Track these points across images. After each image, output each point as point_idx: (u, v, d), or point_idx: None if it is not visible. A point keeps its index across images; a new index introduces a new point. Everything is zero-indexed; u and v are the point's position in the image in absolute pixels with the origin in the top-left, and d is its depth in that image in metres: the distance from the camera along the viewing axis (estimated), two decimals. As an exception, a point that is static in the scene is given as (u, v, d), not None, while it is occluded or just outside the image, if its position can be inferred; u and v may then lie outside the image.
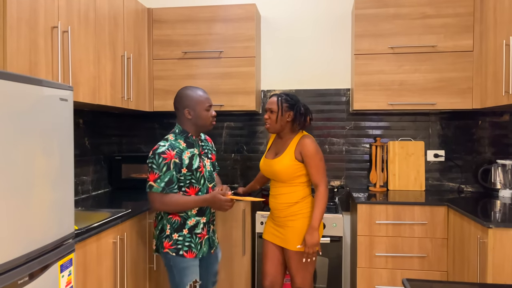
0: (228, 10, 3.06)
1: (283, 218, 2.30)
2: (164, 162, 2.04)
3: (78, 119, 2.81)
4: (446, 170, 3.19)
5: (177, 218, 2.15)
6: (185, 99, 2.17)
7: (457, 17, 2.83)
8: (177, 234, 2.13)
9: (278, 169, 2.26)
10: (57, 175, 1.53)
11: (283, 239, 2.31)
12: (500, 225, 2.03)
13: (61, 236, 1.53)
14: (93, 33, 2.35)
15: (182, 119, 2.18)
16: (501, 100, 2.47)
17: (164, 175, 2.04)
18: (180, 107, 2.18)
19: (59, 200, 1.54)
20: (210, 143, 2.38)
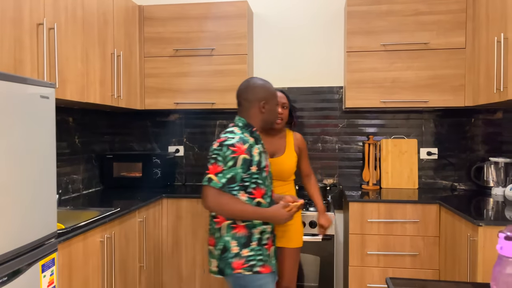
0: (220, 7, 3.04)
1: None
2: (232, 156, 1.75)
3: (67, 117, 2.79)
4: (439, 168, 3.17)
5: (242, 231, 1.82)
6: (261, 91, 1.91)
7: (450, 14, 2.81)
8: (246, 249, 1.81)
9: (288, 166, 2.29)
10: (38, 174, 1.51)
11: (282, 238, 2.29)
12: (490, 223, 2.02)
13: (42, 235, 1.51)
14: (81, 30, 2.33)
15: (251, 112, 1.90)
16: (493, 98, 2.45)
17: (228, 170, 1.74)
18: (253, 99, 1.89)
19: (40, 199, 1.52)
20: None
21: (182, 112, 3.43)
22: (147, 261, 2.62)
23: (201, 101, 3.07)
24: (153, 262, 2.74)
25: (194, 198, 2.85)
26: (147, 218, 2.62)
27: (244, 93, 1.91)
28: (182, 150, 3.44)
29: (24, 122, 1.43)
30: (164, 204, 2.88)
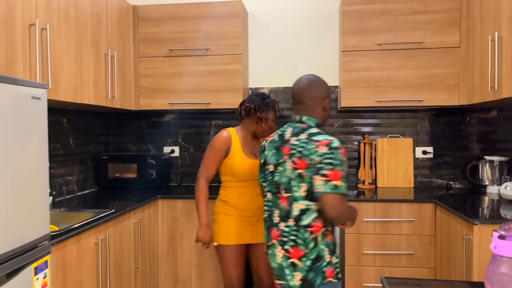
0: (214, 7, 3.03)
1: (258, 214, 2.32)
2: (342, 159, 1.63)
3: (61, 118, 2.77)
4: (434, 166, 3.17)
5: (330, 237, 1.73)
6: (325, 89, 1.80)
7: (444, 13, 2.81)
8: (334, 256, 1.73)
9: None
10: (30, 176, 1.49)
11: (258, 235, 2.32)
12: (486, 221, 2.02)
13: (35, 237, 1.50)
14: (75, 31, 2.32)
15: (316, 111, 1.78)
16: (487, 96, 2.45)
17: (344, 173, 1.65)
18: (318, 97, 1.77)
19: (33, 201, 1.50)
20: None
21: (177, 113, 3.42)
22: (143, 262, 2.61)
23: (196, 101, 3.06)
24: (149, 264, 2.73)
25: (190, 198, 2.84)
26: (142, 219, 2.61)
27: (309, 91, 1.77)
28: (177, 151, 3.42)
29: (16, 123, 1.41)
30: (159, 205, 2.87)
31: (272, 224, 1.75)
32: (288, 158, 1.69)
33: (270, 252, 1.76)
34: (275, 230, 1.73)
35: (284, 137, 1.75)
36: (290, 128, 1.76)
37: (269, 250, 1.77)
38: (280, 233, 1.71)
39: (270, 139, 1.81)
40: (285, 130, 1.77)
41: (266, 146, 1.82)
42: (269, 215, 1.77)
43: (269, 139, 1.82)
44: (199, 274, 2.85)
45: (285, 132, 1.76)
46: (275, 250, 1.73)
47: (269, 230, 1.76)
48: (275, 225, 1.74)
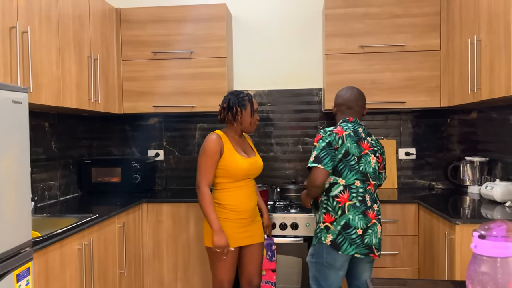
0: (199, 10, 3.02)
1: (253, 214, 2.33)
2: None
3: (43, 122, 2.73)
4: (417, 167, 3.23)
5: None
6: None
7: (424, 17, 2.86)
8: None
9: (262, 164, 2.40)
10: (11, 181, 1.47)
11: (253, 235, 2.33)
12: (467, 221, 2.06)
13: (17, 244, 1.47)
14: (56, 34, 2.29)
15: (361, 116, 2.24)
16: (467, 98, 2.51)
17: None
18: (364, 106, 2.25)
19: (14, 207, 1.48)
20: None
21: (162, 116, 3.40)
22: (128, 267, 2.58)
23: (181, 105, 3.05)
24: (134, 268, 2.70)
25: (175, 202, 2.82)
26: (127, 223, 2.58)
27: (360, 100, 2.19)
28: (162, 154, 3.40)
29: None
30: (144, 209, 2.84)
31: (367, 207, 2.05)
32: (370, 153, 2.10)
33: (370, 231, 2.04)
34: (371, 212, 2.06)
35: (359, 134, 2.10)
36: (360, 127, 2.13)
37: (370, 230, 2.04)
38: (376, 213, 2.08)
39: (347, 133, 2.06)
40: (357, 128, 2.11)
41: (344, 137, 2.05)
42: (361, 199, 2.04)
43: (343, 133, 2.05)
44: (185, 277, 2.83)
45: (358, 130, 2.11)
46: (376, 228, 2.07)
47: (364, 213, 2.04)
48: (369, 208, 2.06)
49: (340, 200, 2.03)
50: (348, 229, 2.01)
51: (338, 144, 2.03)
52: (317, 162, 2.00)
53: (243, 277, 2.39)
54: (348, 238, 2.01)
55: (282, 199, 3.02)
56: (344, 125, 2.12)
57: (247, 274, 2.37)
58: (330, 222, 2.04)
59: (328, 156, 2.00)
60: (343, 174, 2.04)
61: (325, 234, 2.05)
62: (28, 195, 1.56)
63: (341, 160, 2.03)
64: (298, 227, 2.67)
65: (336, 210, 2.03)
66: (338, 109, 2.22)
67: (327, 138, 2.04)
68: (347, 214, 2.02)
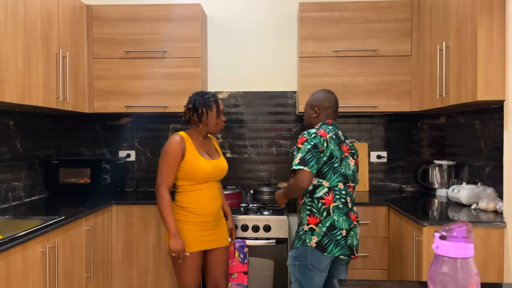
0: (173, 10, 2.99)
1: (219, 218, 2.33)
2: None
3: (8, 121, 2.63)
4: (388, 170, 3.28)
5: None
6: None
7: (397, 23, 2.92)
8: None
9: (226, 166, 2.38)
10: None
11: (218, 239, 2.32)
12: (434, 223, 2.10)
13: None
14: (23, 29, 2.21)
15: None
16: (436, 103, 2.56)
17: None
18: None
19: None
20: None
21: (134, 116, 3.33)
22: (95, 271, 2.51)
23: (153, 105, 3.00)
24: (102, 272, 2.63)
25: (146, 204, 2.77)
26: (95, 226, 2.51)
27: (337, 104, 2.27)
28: (133, 155, 3.34)
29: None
30: (114, 211, 2.77)
31: (349, 209, 2.08)
32: (349, 155, 2.13)
33: (352, 233, 2.07)
34: (352, 213, 2.09)
35: (340, 137, 2.12)
36: (339, 130, 2.16)
37: (352, 231, 2.06)
38: (356, 215, 2.12)
39: (330, 136, 2.06)
40: (337, 131, 2.13)
41: (328, 140, 2.04)
42: (344, 202, 2.06)
43: (326, 135, 2.05)
44: (155, 281, 2.77)
45: (338, 133, 2.13)
46: (357, 230, 2.11)
47: (347, 214, 2.06)
48: (351, 210, 2.09)
49: (325, 202, 2.03)
50: (334, 230, 2.01)
51: (323, 146, 2.02)
52: (303, 164, 1.96)
53: (209, 281, 2.37)
54: (333, 239, 2.01)
55: (256, 201, 3.01)
56: (325, 127, 2.12)
57: (213, 278, 2.35)
58: (315, 224, 2.03)
59: (314, 158, 1.97)
60: (327, 176, 2.03)
61: (310, 236, 2.03)
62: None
63: (326, 162, 2.02)
64: (271, 229, 2.67)
65: (321, 211, 2.02)
66: (323, 112, 2.20)
67: (312, 140, 2.01)
68: (332, 215, 2.02)
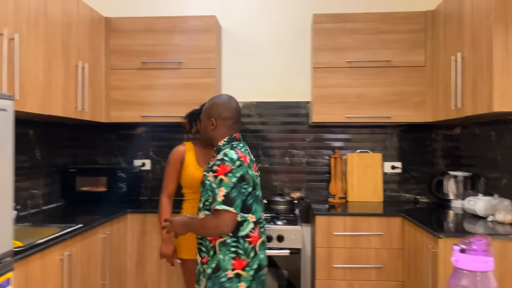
0: (188, 22, 3.04)
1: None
2: None
3: (28, 130, 2.69)
4: (402, 181, 3.26)
5: None
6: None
7: (410, 33, 2.93)
8: None
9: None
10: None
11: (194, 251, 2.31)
12: (450, 235, 2.08)
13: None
14: (44, 41, 2.27)
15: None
16: (451, 114, 2.56)
17: None
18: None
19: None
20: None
21: (149, 125, 3.38)
22: (110, 278, 2.54)
23: (168, 114, 3.04)
24: (117, 280, 2.66)
25: (160, 213, 2.79)
26: (111, 234, 2.54)
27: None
28: (148, 164, 3.38)
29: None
30: (129, 220, 2.81)
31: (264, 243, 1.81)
32: (258, 175, 1.85)
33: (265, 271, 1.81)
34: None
35: (250, 155, 1.82)
36: (246, 146, 1.84)
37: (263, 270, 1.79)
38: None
39: (249, 158, 1.75)
40: (246, 149, 1.81)
41: (250, 164, 1.72)
42: (265, 232, 1.80)
43: (246, 158, 1.71)
44: None
45: (247, 150, 1.81)
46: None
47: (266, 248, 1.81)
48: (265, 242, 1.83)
49: (252, 240, 1.71)
50: (260, 271, 1.74)
51: (249, 175, 1.69)
52: (228, 204, 1.62)
53: None
54: (260, 282, 1.74)
55: (269, 211, 3.02)
56: (238, 146, 1.76)
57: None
58: (242, 268, 1.69)
59: (240, 196, 1.65)
60: (252, 208, 1.71)
61: (236, 284, 1.68)
62: (10, 204, 1.54)
63: (250, 193, 1.70)
64: (284, 239, 2.67)
65: (249, 252, 1.70)
66: (224, 123, 1.79)
67: (238, 171, 1.65)
68: (258, 254, 1.73)
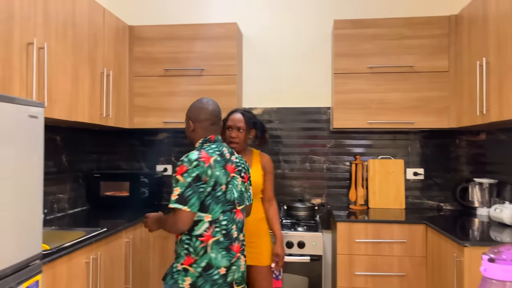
0: (210, 29, 3.08)
1: (252, 235, 2.31)
2: None
3: (55, 136, 2.77)
4: (425, 188, 3.21)
5: None
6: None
7: (433, 39, 2.89)
8: None
9: (253, 182, 2.29)
10: (25, 194, 1.49)
11: (253, 257, 2.31)
12: (476, 243, 2.04)
13: (27, 256, 1.49)
14: (71, 50, 2.34)
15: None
16: (475, 120, 2.51)
17: None
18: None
19: (26, 219, 1.50)
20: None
21: (171, 131, 3.43)
22: (133, 282, 2.58)
23: (190, 121, 3.08)
24: (139, 283, 2.70)
25: (182, 218, 2.83)
26: (134, 238, 2.59)
27: (220, 114, 1.94)
28: (170, 169, 3.42)
29: (12, 142, 1.42)
30: (151, 224, 2.85)
31: (232, 240, 1.81)
32: (236, 174, 1.86)
33: (234, 267, 1.81)
34: (236, 243, 1.83)
35: (225, 155, 1.83)
36: (223, 147, 1.87)
37: (233, 266, 1.81)
38: (241, 244, 1.86)
39: (214, 158, 1.77)
40: (222, 149, 1.84)
41: (212, 165, 1.75)
42: (226, 233, 1.79)
43: (210, 159, 1.75)
44: None
45: (223, 151, 1.84)
46: (240, 261, 1.85)
47: (228, 248, 1.79)
48: (235, 240, 1.82)
49: (204, 239, 1.75)
50: (210, 269, 1.75)
51: (207, 175, 1.72)
52: (182, 202, 1.67)
53: None
54: (209, 280, 1.75)
55: (289, 217, 3.01)
56: (207, 147, 1.81)
57: None
58: (189, 265, 1.75)
59: (195, 194, 1.69)
60: (209, 208, 1.74)
61: (182, 277, 1.75)
62: (40, 209, 1.59)
63: (209, 193, 1.73)
64: (305, 245, 2.66)
65: (198, 250, 1.75)
66: (200, 125, 1.86)
67: (194, 171, 1.70)
68: (209, 253, 1.75)
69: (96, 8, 2.63)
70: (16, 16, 1.88)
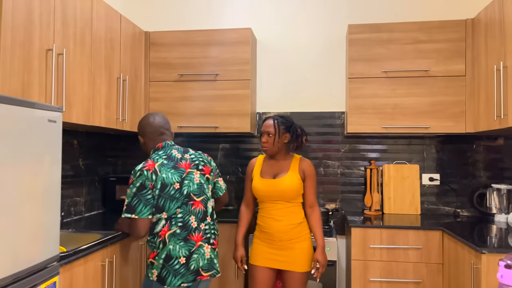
0: (224, 34, 3.11)
1: (288, 240, 2.27)
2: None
3: (72, 140, 2.82)
4: (441, 194, 3.17)
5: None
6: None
7: (449, 43, 2.86)
8: None
9: (286, 186, 2.27)
10: (43, 197, 1.52)
11: (288, 262, 2.27)
12: (494, 250, 2.00)
13: (45, 258, 1.51)
14: (89, 56, 2.39)
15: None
16: (493, 125, 2.47)
17: None
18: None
19: (44, 222, 1.53)
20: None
21: (185, 136, 3.46)
22: (147, 285, 2.60)
23: (204, 125, 3.11)
24: (153, 287, 2.71)
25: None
26: (149, 241, 2.61)
27: (167, 124, 2.19)
28: (184, 174, 3.45)
29: (31, 146, 1.45)
30: (165, 228, 2.87)
31: (190, 230, 1.98)
32: (193, 169, 2.04)
33: (196, 255, 1.97)
34: (196, 233, 1.99)
35: (174, 157, 2.04)
36: (173, 149, 2.08)
37: (194, 255, 1.97)
38: (203, 233, 2.01)
39: (159, 164, 1.97)
40: (170, 152, 2.05)
41: (157, 170, 1.94)
42: (182, 225, 1.96)
43: (154, 165, 1.95)
44: None
45: (172, 153, 2.05)
46: (203, 249, 2.00)
47: (187, 238, 1.96)
48: (194, 230, 1.99)
49: (161, 234, 1.94)
50: (170, 260, 1.93)
51: (152, 181, 1.92)
52: (130, 212, 1.89)
53: None
54: (171, 270, 1.93)
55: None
56: (155, 156, 2.02)
57: None
58: (153, 258, 1.97)
59: (140, 202, 1.89)
60: (165, 207, 1.94)
61: (151, 271, 1.97)
62: (58, 211, 1.62)
63: (160, 195, 1.93)
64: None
65: (158, 244, 1.95)
66: (148, 138, 2.13)
67: (137, 181, 1.91)
68: (167, 245, 1.94)
69: (113, 14, 2.68)
70: (36, 23, 1.93)
